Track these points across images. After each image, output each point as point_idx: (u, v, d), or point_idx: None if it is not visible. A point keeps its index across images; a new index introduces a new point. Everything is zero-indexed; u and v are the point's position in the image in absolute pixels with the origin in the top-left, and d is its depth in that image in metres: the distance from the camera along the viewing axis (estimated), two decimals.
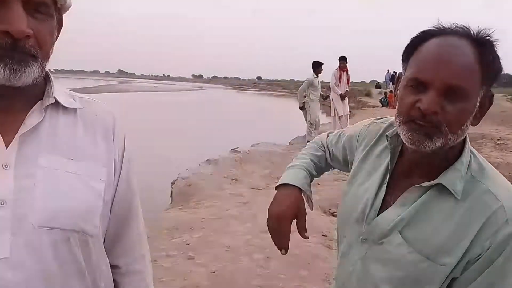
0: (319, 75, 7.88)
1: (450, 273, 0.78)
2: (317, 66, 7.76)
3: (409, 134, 0.78)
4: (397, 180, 0.89)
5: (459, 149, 0.82)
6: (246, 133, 11.67)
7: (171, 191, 5.44)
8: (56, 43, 0.79)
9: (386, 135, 0.90)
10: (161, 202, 5.14)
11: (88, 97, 0.90)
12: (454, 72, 0.74)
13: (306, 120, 7.98)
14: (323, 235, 3.78)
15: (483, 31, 0.77)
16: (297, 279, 2.94)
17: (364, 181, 0.94)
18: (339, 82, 8.07)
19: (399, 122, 0.81)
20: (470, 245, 0.76)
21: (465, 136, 0.82)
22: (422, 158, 0.83)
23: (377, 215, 0.87)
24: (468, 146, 0.83)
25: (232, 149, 7.25)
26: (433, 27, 0.80)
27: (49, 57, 0.76)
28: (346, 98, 8.27)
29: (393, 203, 0.86)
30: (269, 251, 3.36)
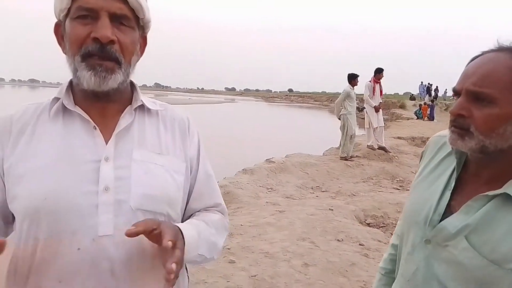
0: (355, 86, 7.88)
1: None
2: (353, 78, 7.76)
3: (449, 136, 0.90)
4: (462, 187, 0.93)
5: None
6: (280, 143, 11.77)
7: None
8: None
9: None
10: None
11: (164, 103, 1.04)
12: (477, 80, 0.83)
13: (342, 132, 7.93)
14: (360, 244, 3.79)
15: None
16: (336, 286, 2.98)
17: (428, 187, 1.00)
18: (373, 94, 8.03)
19: (448, 127, 0.92)
20: None
21: None
22: (485, 165, 0.89)
23: (441, 219, 0.93)
24: None
25: (267, 159, 7.36)
26: (493, 47, 0.88)
27: (132, 65, 0.89)
28: (380, 110, 8.20)
29: (458, 209, 0.91)
30: (307, 258, 3.42)
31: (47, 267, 0.81)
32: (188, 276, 1.05)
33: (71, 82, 0.90)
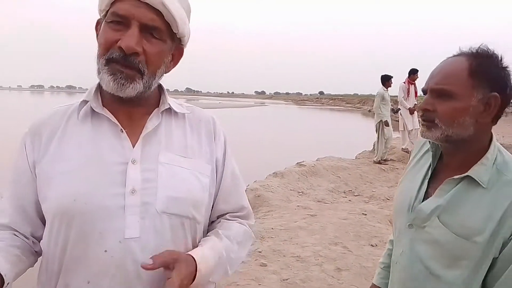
0: (389, 88, 7.67)
1: (485, 252, 0.94)
2: (386, 79, 7.57)
3: (420, 130, 1.05)
4: (437, 176, 1.07)
5: (486, 149, 1.00)
6: (310, 147, 11.66)
7: None
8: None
9: (429, 141, 1.09)
10: None
11: (191, 105, 1.04)
12: (439, 79, 0.99)
13: (379, 135, 7.70)
14: None
15: (482, 48, 0.98)
16: None
17: (411, 179, 1.14)
18: (407, 95, 7.80)
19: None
20: (498, 226, 0.93)
21: (491, 137, 1.01)
22: (453, 154, 1.03)
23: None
24: (495, 146, 1.00)
25: (297, 163, 7.31)
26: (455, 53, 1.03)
27: (156, 76, 0.88)
28: (416, 112, 7.94)
29: (433, 194, 1.04)
30: (340, 262, 3.36)
31: (76, 267, 0.83)
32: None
33: (99, 85, 0.90)
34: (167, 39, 0.88)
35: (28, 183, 0.89)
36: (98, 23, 0.90)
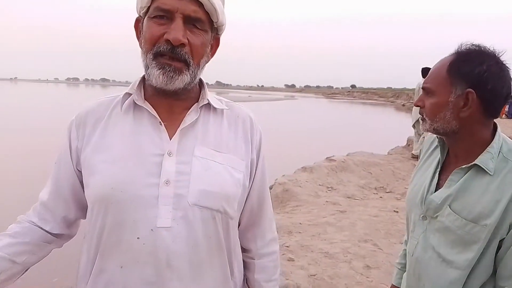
0: None
1: (494, 234, 1.00)
2: (427, 72, 7.26)
3: (421, 126, 1.16)
4: (447, 168, 1.14)
5: (490, 140, 1.06)
6: (341, 141, 11.49)
7: None
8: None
9: (437, 137, 1.18)
10: None
11: (231, 101, 1.05)
12: (427, 78, 1.12)
13: (416, 130, 7.41)
14: None
15: (465, 45, 1.06)
16: None
17: (422, 174, 1.21)
18: None
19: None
20: (505, 210, 0.98)
21: (496, 128, 1.08)
22: (455, 146, 1.11)
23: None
24: (499, 136, 1.07)
25: (327, 157, 7.21)
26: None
27: (200, 67, 0.91)
28: None
29: (443, 185, 1.11)
30: (369, 260, 3.29)
31: (110, 252, 0.87)
32: (244, 274, 1.06)
33: (143, 78, 0.94)
34: (208, 29, 0.90)
35: (66, 168, 0.95)
36: (138, 21, 0.93)
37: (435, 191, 1.12)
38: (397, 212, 4.63)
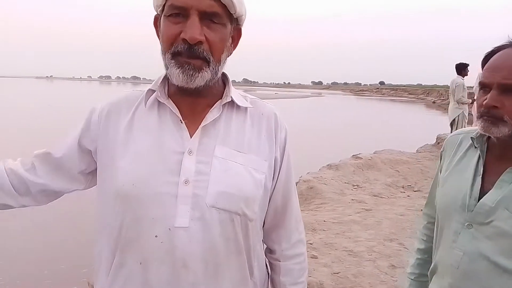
0: (465, 77, 7.05)
1: None
2: (463, 68, 6.93)
3: (481, 125, 0.99)
4: (490, 170, 1.04)
5: None
6: (368, 139, 11.29)
7: None
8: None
9: (472, 137, 1.08)
10: None
11: (257, 98, 1.01)
12: (507, 74, 0.95)
13: (451, 128, 7.13)
14: None
15: None
16: None
17: (458, 178, 1.09)
18: None
19: (476, 118, 1.04)
20: None
21: None
22: (509, 146, 1.00)
23: (478, 202, 1.01)
24: None
25: (353, 155, 7.12)
26: (506, 42, 1.00)
27: (221, 62, 0.88)
28: None
29: (490, 188, 1.00)
30: (394, 259, 3.24)
31: (130, 247, 0.88)
32: (268, 272, 1.04)
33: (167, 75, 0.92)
34: (227, 22, 0.86)
35: (71, 144, 0.95)
36: (156, 19, 0.91)
37: (479, 195, 1.02)
38: None
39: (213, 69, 0.86)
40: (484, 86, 1.00)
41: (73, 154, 0.96)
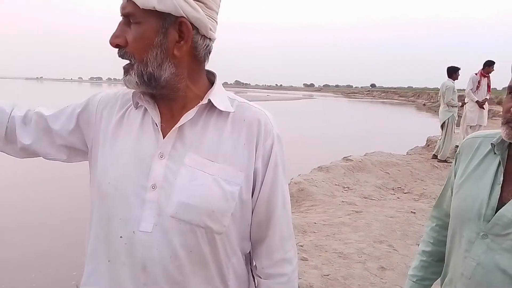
0: (455, 81, 7.15)
1: None
2: (454, 71, 7.04)
3: (506, 132, 0.94)
4: (509, 180, 0.98)
5: None
6: (359, 141, 11.36)
7: None
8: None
9: (492, 144, 1.02)
10: None
11: (247, 101, 0.94)
12: None
13: (447, 131, 7.21)
14: None
15: None
16: None
17: (475, 184, 1.03)
18: (477, 88, 7.16)
19: (501, 123, 0.97)
20: None
21: None
22: None
23: (495, 212, 0.96)
24: None
25: (344, 157, 7.16)
26: None
27: (148, 62, 0.82)
28: (486, 107, 7.22)
29: (510, 198, 0.95)
30: (384, 261, 3.26)
31: (102, 244, 0.89)
32: (254, 281, 0.99)
33: None
34: (144, 20, 0.81)
35: (69, 115, 0.97)
36: None
37: (497, 204, 0.97)
38: (414, 213, 4.56)
39: (138, 70, 0.83)
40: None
41: (67, 126, 0.97)
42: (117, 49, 0.85)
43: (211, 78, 0.94)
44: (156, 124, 0.88)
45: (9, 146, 1.00)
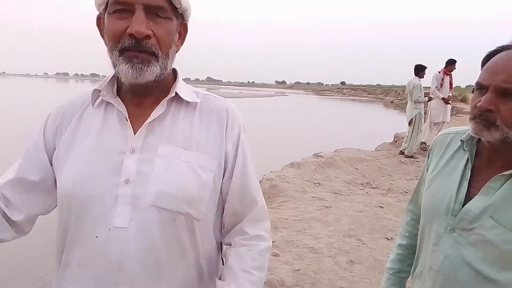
0: (421, 79, 7.36)
1: None
2: (421, 69, 7.26)
3: (473, 127, 0.95)
4: (477, 175, 1.00)
5: None
6: (329, 138, 11.55)
7: None
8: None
9: (461, 140, 1.04)
10: None
11: (211, 94, 0.99)
12: (507, 77, 0.89)
13: (411, 127, 7.43)
14: None
15: None
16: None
17: (445, 180, 1.06)
18: (441, 86, 7.44)
19: (469, 119, 0.98)
20: None
21: None
22: (499, 152, 0.96)
23: (462, 207, 0.99)
24: None
25: (315, 154, 7.26)
26: (509, 43, 0.95)
27: (170, 57, 0.86)
28: (450, 103, 7.55)
29: (477, 194, 0.97)
30: (353, 255, 3.34)
31: (72, 249, 0.87)
32: (223, 260, 0.99)
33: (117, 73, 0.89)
34: (172, 17, 0.85)
35: (35, 158, 0.91)
36: (100, 19, 0.88)
37: (464, 199, 0.99)
38: (382, 207, 4.69)
39: (162, 63, 0.83)
40: (480, 87, 0.94)
41: (44, 164, 0.92)
42: (138, 38, 0.79)
43: (173, 73, 0.96)
44: (126, 118, 0.87)
45: (13, 232, 0.93)
